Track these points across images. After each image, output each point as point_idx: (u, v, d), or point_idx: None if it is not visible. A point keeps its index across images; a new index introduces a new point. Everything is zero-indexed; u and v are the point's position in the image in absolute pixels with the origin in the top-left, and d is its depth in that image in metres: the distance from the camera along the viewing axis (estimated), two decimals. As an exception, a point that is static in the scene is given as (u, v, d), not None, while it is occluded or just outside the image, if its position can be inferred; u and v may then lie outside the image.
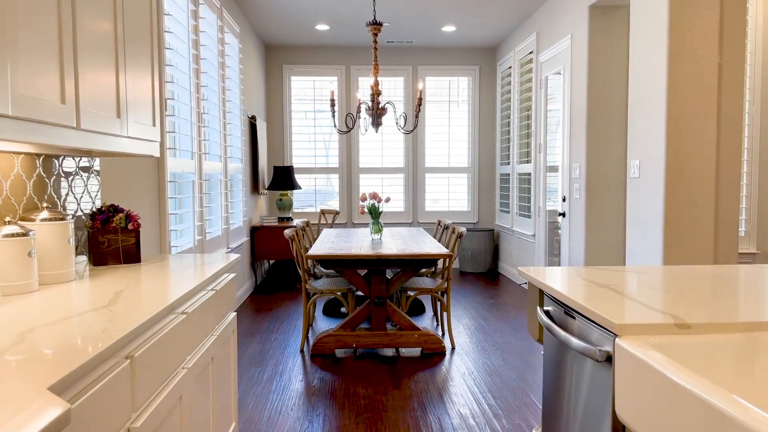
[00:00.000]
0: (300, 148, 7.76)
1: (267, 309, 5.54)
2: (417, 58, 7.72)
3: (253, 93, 6.64)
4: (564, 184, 5.33)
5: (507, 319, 5.11)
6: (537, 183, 6.08)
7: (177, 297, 1.74)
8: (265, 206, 7.38)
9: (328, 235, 5.06)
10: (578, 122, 4.99)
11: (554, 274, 2.11)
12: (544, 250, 5.91)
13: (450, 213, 7.88)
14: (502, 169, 7.43)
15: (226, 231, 5.09)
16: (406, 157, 7.80)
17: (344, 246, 4.28)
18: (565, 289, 1.83)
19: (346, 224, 7.81)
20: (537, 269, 2.21)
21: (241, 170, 5.79)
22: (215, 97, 4.77)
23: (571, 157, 5.16)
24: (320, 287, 4.28)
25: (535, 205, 6.14)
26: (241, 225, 5.70)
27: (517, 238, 6.83)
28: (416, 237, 4.85)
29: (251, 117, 6.42)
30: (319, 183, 7.84)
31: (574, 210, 5.09)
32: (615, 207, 4.86)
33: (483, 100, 7.82)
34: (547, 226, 5.90)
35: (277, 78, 7.64)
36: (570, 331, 1.74)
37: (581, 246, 4.94)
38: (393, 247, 4.18)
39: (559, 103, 5.64)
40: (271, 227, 6.37)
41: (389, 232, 5.33)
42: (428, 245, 4.29)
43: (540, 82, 5.96)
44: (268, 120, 7.65)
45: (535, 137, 6.12)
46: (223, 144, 4.99)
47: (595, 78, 4.80)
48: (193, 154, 4.16)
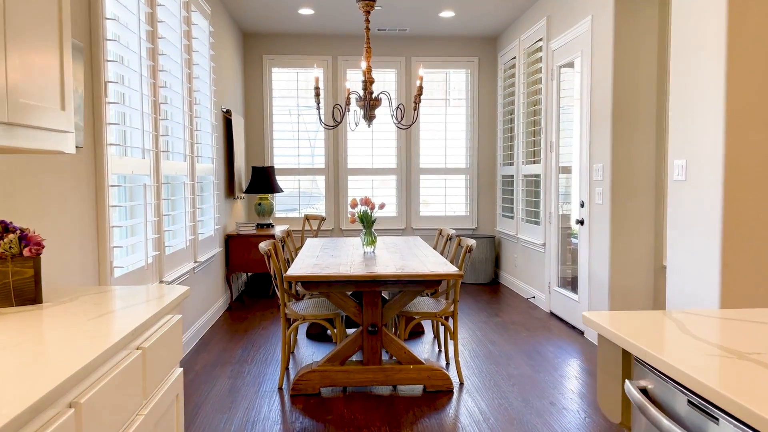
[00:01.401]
0: (282, 147, 7.04)
1: (242, 331, 4.81)
2: (411, 49, 7.04)
3: (228, 85, 5.91)
4: (582, 187, 4.68)
5: (518, 342, 4.44)
6: (548, 186, 5.43)
7: (68, 375, 1.04)
8: (243, 212, 6.65)
9: (312, 247, 4.36)
10: (601, 116, 4.33)
11: (645, 327, 1.43)
12: (557, 262, 5.25)
13: (446, 218, 7.21)
14: (505, 171, 6.77)
15: (193, 242, 4.36)
16: (399, 157, 7.11)
17: (331, 262, 3.58)
18: (687, 365, 1.14)
19: (333, 231, 7.11)
20: (614, 316, 1.53)
21: (213, 171, 5.07)
22: (179, 85, 4.05)
23: (591, 157, 4.51)
24: (302, 312, 3.57)
25: (545, 211, 5.48)
26: (212, 234, 4.98)
27: (522, 247, 6.17)
28: (415, 249, 4.17)
29: (225, 111, 5.70)
30: (303, 185, 7.13)
31: (595, 217, 4.44)
32: (645, 214, 4.21)
33: (483, 94, 7.16)
34: (559, 234, 5.24)
35: (257, 69, 6.92)
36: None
37: (604, 258, 4.28)
38: (390, 264, 3.49)
39: (576, 96, 4.98)
40: (248, 235, 5.65)
41: (383, 242, 4.63)
42: (431, 261, 3.60)
43: (551, 72, 5.31)
44: (247, 116, 6.92)
45: (545, 135, 5.46)
46: (189, 141, 4.27)
47: (622, 64, 4.15)
48: (147, 152, 3.44)
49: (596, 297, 4.43)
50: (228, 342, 4.49)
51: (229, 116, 5.76)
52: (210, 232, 4.89)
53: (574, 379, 3.66)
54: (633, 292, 4.24)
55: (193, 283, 4.44)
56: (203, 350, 4.27)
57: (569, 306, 4.94)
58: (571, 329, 4.82)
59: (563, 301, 5.08)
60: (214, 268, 5.17)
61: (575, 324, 4.83)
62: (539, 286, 5.69)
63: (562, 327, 4.90)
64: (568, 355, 4.15)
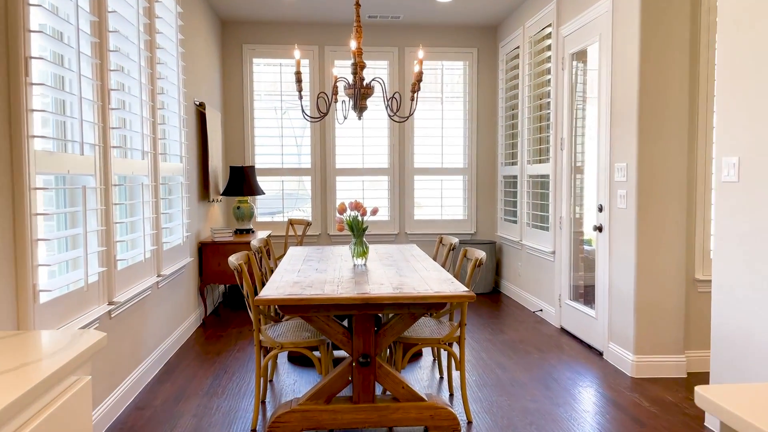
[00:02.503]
0: (265, 145, 6.45)
1: (215, 353, 4.23)
2: (404, 38, 6.48)
3: (202, 75, 5.32)
4: (600, 189, 4.14)
5: (530, 366, 3.89)
6: (558, 188, 4.89)
7: None
8: (220, 216, 6.06)
9: (294, 259, 3.79)
10: (624, 109, 3.80)
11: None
12: (569, 273, 4.71)
13: (443, 222, 6.66)
14: (506, 171, 6.23)
15: (155, 253, 3.77)
16: (392, 156, 6.55)
17: (315, 279, 3.01)
18: None
19: (320, 237, 6.53)
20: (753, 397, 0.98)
21: (183, 171, 4.48)
22: (137, 70, 3.46)
23: (611, 155, 3.97)
24: (280, 338, 3.00)
25: (555, 215, 4.94)
26: (182, 242, 4.39)
27: (527, 255, 5.62)
28: (412, 261, 3.61)
29: (199, 104, 5.11)
30: (289, 187, 6.54)
31: (617, 223, 3.90)
32: (676, 219, 3.68)
33: (482, 88, 6.61)
34: (572, 241, 4.70)
35: (236, 60, 6.33)
36: None
37: (628, 270, 3.75)
38: (384, 281, 2.93)
39: (592, 87, 4.45)
40: (224, 243, 5.06)
41: (375, 252, 4.07)
42: (433, 277, 3.04)
43: (562, 61, 4.77)
44: (225, 111, 6.33)
45: (554, 131, 4.92)
46: (150, 135, 3.68)
47: (650, 49, 3.61)
48: (91, 148, 2.85)
49: (618, 314, 3.89)
50: (197, 368, 3.90)
51: (202, 110, 5.17)
52: (178, 240, 4.30)
53: (601, 415, 3.12)
54: (662, 310, 3.71)
55: (156, 300, 3.85)
56: (167, 379, 3.68)
57: (584, 322, 4.40)
58: (586, 349, 4.28)
59: (577, 317, 4.54)
60: (184, 281, 4.58)
61: (592, 343, 4.29)
62: (548, 298, 5.15)
63: (577, 346, 4.36)
64: (589, 382, 3.61)
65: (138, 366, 3.48)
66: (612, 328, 3.98)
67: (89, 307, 2.79)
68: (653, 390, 3.47)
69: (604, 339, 4.08)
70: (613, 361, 3.94)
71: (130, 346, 3.37)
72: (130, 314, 3.35)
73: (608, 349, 4.02)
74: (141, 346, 3.55)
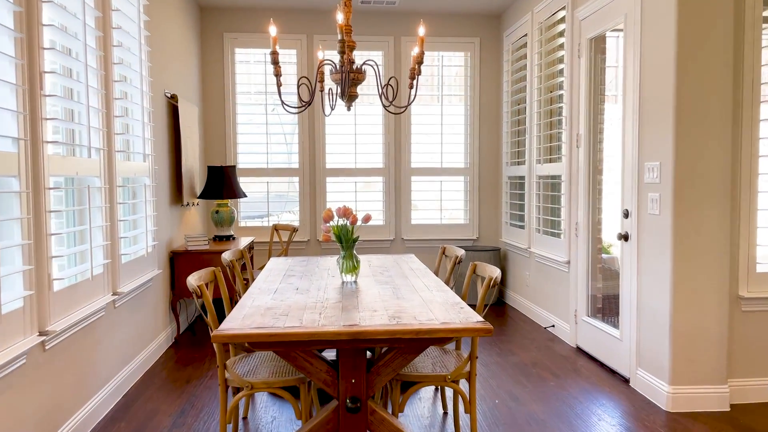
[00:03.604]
0: (249, 143, 5.90)
1: (184, 380, 3.67)
2: (400, 27, 5.95)
3: (176, 65, 4.77)
4: (626, 192, 3.61)
5: (548, 397, 3.35)
6: (573, 190, 4.36)
7: None
8: (198, 221, 5.50)
9: (272, 274, 3.24)
10: (657, 101, 3.27)
11: None
12: (586, 286, 4.18)
13: (443, 227, 6.12)
14: (512, 171, 5.70)
15: (109, 268, 3.22)
16: (387, 155, 6.01)
17: (293, 302, 2.46)
18: None
19: (309, 243, 5.98)
20: None
21: (149, 171, 3.93)
22: (83, 52, 2.91)
23: (640, 154, 3.44)
24: (251, 376, 2.45)
25: (570, 220, 4.41)
26: (146, 253, 3.83)
27: (537, 264, 5.09)
28: (411, 277, 3.07)
29: (170, 96, 4.55)
30: (277, 188, 5.99)
31: (647, 231, 3.37)
32: (719, 228, 3.16)
33: (485, 80, 6.09)
34: (590, 250, 4.17)
35: (216, 50, 5.78)
36: None
37: (663, 286, 3.22)
38: (378, 306, 2.39)
39: (614, 76, 3.93)
40: (199, 251, 4.51)
41: (368, 264, 3.53)
42: (438, 301, 2.50)
43: (578, 48, 4.24)
44: (205, 105, 5.78)
45: (569, 127, 4.39)
46: (102, 129, 3.13)
47: (689, 28, 3.09)
48: (13, 143, 2.30)
49: (649, 336, 3.36)
50: (161, 400, 3.35)
51: (175, 102, 4.61)
52: (144, 249, 3.74)
53: (639, 465, 2.59)
54: (703, 333, 3.18)
55: (111, 322, 3.30)
56: (122, 417, 3.13)
57: (606, 343, 3.87)
58: (609, 374, 3.75)
59: (597, 336, 4.01)
60: (150, 296, 4.03)
61: (615, 367, 3.76)
62: (561, 313, 4.62)
63: (597, 370, 3.83)
64: (618, 418, 3.08)
65: (85, 404, 2.93)
66: (641, 353, 3.46)
67: (10, 341, 2.23)
68: (695, 429, 2.94)
69: (631, 364, 3.55)
70: (643, 390, 3.41)
71: (75, 381, 2.82)
72: (73, 343, 2.80)
73: (636, 377, 3.49)
74: (90, 378, 3.00)
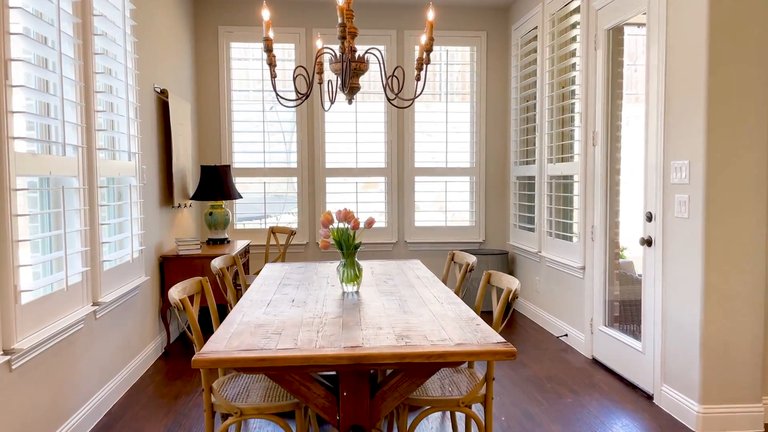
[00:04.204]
0: (245, 142, 5.64)
1: (173, 396, 3.41)
2: (403, 20, 5.68)
3: (167, 58, 4.51)
4: (649, 193, 3.35)
5: (566, 416, 3.09)
6: (589, 191, 4.09)
7: None
8: (191, 224, 5.24)
9: (266, 283, 2.97)
10: (685, 93, 3.01)
11: None
12: (603, 294, 3.92)
13: (447, 230, 5.86)
14: (520, 171, 5.43)
15: (88, 276, 2.95)
16: (389, 154, 5.75)
17: (288, 317, 2.20)
18: None
19: (308, 247, 5.72)
20: None
21: (136, 171, 3.66)
22: (55, 35, 2.64)
23: (666, 152, 3.18)
24: (240, 402, 2.19)
25: (585, 223, 4.14)
26: (132, 259, 3.57)
27: (548, 269, 4.83)
28: (418, 286, 2.80)
29: (160, 91, 4.29)
30: (275, 189, 5.73)
31: (674, 235, 3.11)
32: (756, 233, 2.89)
33: (492, 76, 5.82)
34: (607, 256, 3.91)
35: (211, 44, 5.52)
36: None
37: (693, 296, 2.95)
38: (384, 322, 2.12)
39: (634, 69, 3.66)
40: (190, 256, 4.24)
41: (370, 270, 3.26)
42: (450, 316, 2.24)
43: (595, 40, 3.98)
44: (199, 102, 5.51)
45: (584, 124, 4.13)
46: (81, 125, 2.87)
47: (723, 16, 2.82)
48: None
49: (676, 350, 3.10)
50: (147, 418, 3.09)
51: (165, 98, 4.35)
52: (127, 256, 3.48)
53: (673, 497, 2.32)
54: (737, 347, 2.91)
55: (92, 335, 3.04)
56: (102, 439, 2.87)
57: (626, 356, 3.61)
58: (630, 389, 3.49)
59: (614, 348, 3.74)
60: (138, 304, 3.76)
61: (636, 382, 3.50)
62: (575, 321, 4.36)
63: (616, 385, 3.56)
64: (645, 441, 2.82)
65: (61, 426, 2.67)
66: (667, 367, 3.19)
67: (-33, 363, 1.97)
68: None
69: (655, 379, 3.29)
70: (669, 408, 3.15)
71: (48, 402, 2.55)
72: (46, 360, 2.54)
73: (661, 393, 3.23)
74: (68, 397, 2.74)
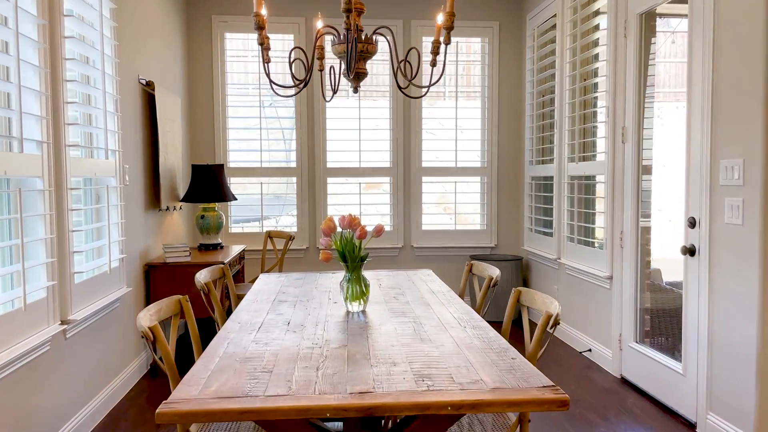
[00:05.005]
0: (241, 140, 5.27)
1: (154, 425, 3.04)
2: (410, 10, 5.31)
3: (154, 49, 4.13)
4: (692, 196, 2.97)
5: (601, 450, 2.71)
6: (618, 193, 3.71)
7: None
8: (182, 228, 4.86)
9: (259, 299, 2.60)
10: (738, 83, 2.63)
11: None
12: (634, 307, 3.54)
13: (457, 233, 5.48)
14: (537, 170, 5.05)
15: (55, 291, 2.58)
16: (395, 152, 5.37)
17: (280, 350, 1.82)
18: None
19: (307, 252, 5.34)
20: None
21: (117, 170, 3.29)
22: (12, 14, 2.27)
23: (713, 149, 2.80)
24: (224, 449, 1.82)
25: (612, 229, 3.76)
26: (109, 269, 3.20)
27: (568, 277, 4.45)
28: (434, 303, 2.43)
29: (146, 84, 3.91)
30: (271, 190, 5.36)
31: (724, 244, 2.73)
32: (819, 243, 2.51)
33: (504, 69, 5.44)
34: (639, 266, 3.53)
35: (204, 34, 5.14)
36: None
37: (748, 314, 2.58)
38: (398, 355, 1.74)
39: (672, 57, 3.29)
40: (178, 264, 3.87)
41: (377, 282, 2.88)
42: (477, 346, 1.86)
43: (625, 26, 3.60)
44: (191, 97, 5.14)
45: (611, 118, 3.75)
46: (45, 117, 2.49)
47: (786, -10, 2.44)
48: None
49: (725, 373, 2.72)
50: (123, 453, 2.71)
51: (151, 90, 3.97)
52: (105, 266, 3.11)
53: None
54: (799, 374, 2.54)
55: (61, 359, 2.67)
56: (69, 480, 2.49)
57: (663, 377, 3.23)
58: (667, 414, 3.11)
59: (649, 367, 3.37)
60: (118, 319, 3.39)
61: (675, 408, 3.12)
62: (600, 336, 3.98)
63: (651, 409, 3.18)
64: (696, 483, 2.44)
65: (19, 467, 2.30)
66: (713, 393, 2.81)
67: None
68: (798, 500, 2.30)
69: (699, 405, 2.91)
70: (717, 441, 2.78)
71: (2, 440, 2.18)
72: (2, 392, 2.16)
73: (707, 422, 2.85)
74: (30, 430, 2.37)
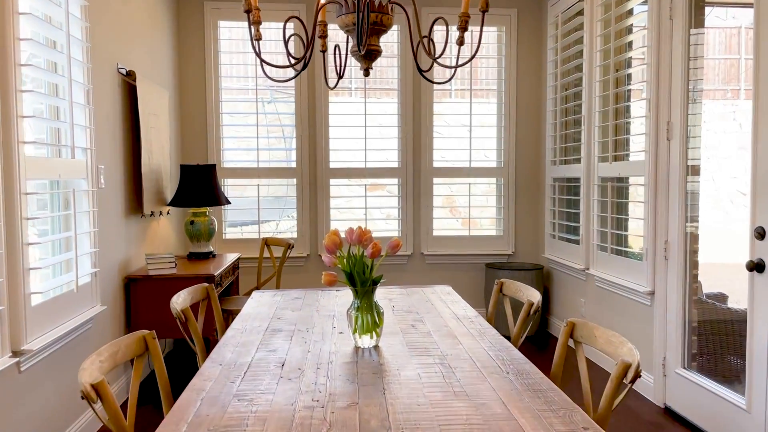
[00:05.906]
0: (236, 138, 4.83)
1: (129, 467, 2.60)
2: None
3: (137, 35, 3.70)
4: (760, 203, 2.52)
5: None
6: (662, 197, 3.26)
7: None
8: (172, 235, 4.43)
9: (248, 328, 2.16)
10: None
11: None
12: (683, 329, 3.09)
13: (471, 240, 5.03)
14: (560, 171, 4.61)
15: (5, 317, 2.14)
16: (404, 151, 4.93)
17: (269, 412, 1.38)
18: None
19: (308, 260, 4.90)
20: None
21: (90, 171, 2.85)
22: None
23: (789, 146, 2.36)
24: None
25: (654, 237, 3.31)
26: (76, 287, 2.76)
27: (598, 290, 4.00)
28: (461, 336, 1.99)
29: (126, 73, 3.48)
30: (269, 192, 4.92)
31: (803, 262, 2.29)
32: None
33: (523, 62, 4.99)
34: (688, 281, 3.08)
35: (195, 22, 4.71)
36: None
37: (838, 349, 2.13)
38: (427, 421, 1.31)
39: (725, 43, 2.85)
40: (161, 277, 3.43)
41: (390, 307, 2.44)
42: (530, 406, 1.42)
43: (670, 7, 3.15)
44: (181, 91, 4.70)
45: (653, 113, 3.30)
46: (-11, 109, 2.06)
47: None
48: None
49: (807, 417, 2.28)
50: (87, 508, 2.27)
51: (132, 81, 3.53)
52: (71, 283, 2.67)
53: None
54: None
55: (14, 396, 2.23)
56: None
57: (719, 410, 2.79)
58: (727, 457, 2.66)
59: (700, 398, 2.92)
60: (90, 342, 2.95)
61: (736, 448, 2.68)
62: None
63: (708, 450, 2.74)
64: None
65: None
66: (789, 437, 2.37)
67: None
68: None
69: (768, 450, 2.47)
70: (795, 494, 2.33)
71: None
72: None
73: (780, 471, 2.41)
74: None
